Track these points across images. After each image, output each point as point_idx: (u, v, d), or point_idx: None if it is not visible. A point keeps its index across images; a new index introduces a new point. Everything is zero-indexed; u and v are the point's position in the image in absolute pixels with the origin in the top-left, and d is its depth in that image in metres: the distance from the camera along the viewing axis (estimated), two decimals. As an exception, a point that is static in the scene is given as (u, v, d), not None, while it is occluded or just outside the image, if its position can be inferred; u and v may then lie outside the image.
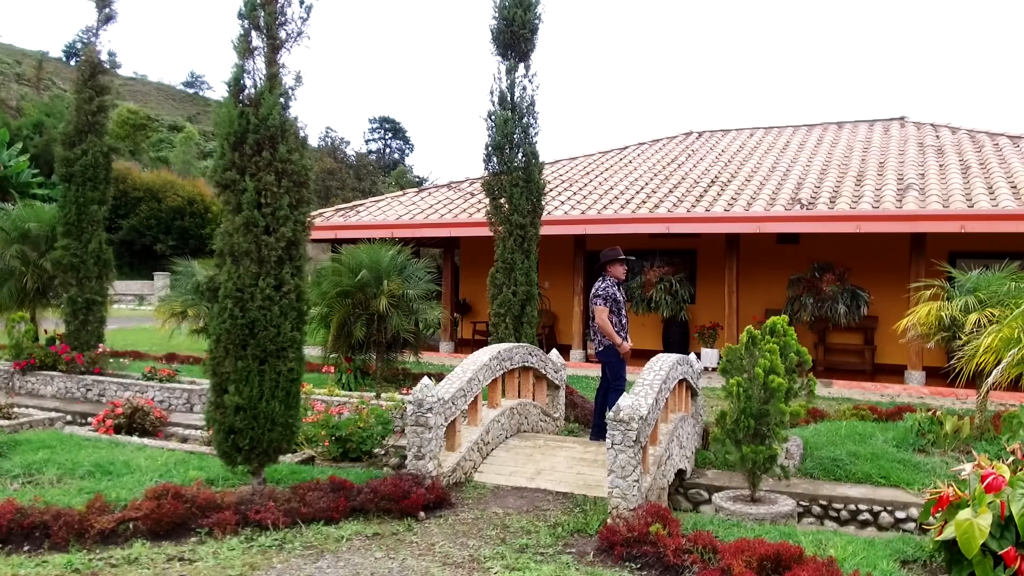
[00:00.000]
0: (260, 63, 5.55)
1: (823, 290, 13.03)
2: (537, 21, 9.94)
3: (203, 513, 5.26)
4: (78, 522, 4.92)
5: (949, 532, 4.19)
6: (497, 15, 9.85)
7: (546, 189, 16.44)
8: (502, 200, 9.88)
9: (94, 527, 4.92)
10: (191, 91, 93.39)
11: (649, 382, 6.41)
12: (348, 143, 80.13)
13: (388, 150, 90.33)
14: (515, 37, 9.79)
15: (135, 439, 7.67)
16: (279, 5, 5.52)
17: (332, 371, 11.55)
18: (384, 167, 76.54)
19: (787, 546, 4.48)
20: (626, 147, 19.84)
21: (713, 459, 7.82)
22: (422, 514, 5.71)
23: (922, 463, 7.64)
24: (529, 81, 9.96)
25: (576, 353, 15.09)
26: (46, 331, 13.29)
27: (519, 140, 9.84)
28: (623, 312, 8.38)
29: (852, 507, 7.05)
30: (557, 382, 8.93)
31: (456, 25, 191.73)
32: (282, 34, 5.59)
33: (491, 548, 5.07)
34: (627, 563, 4.85)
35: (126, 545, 4.88)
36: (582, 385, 12.31)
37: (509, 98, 9.87)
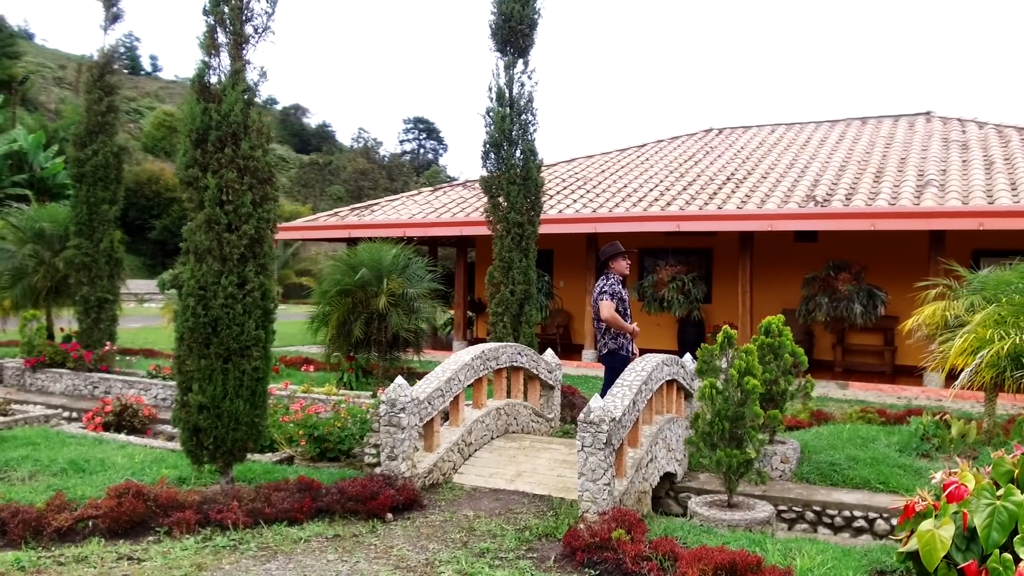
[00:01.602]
0: (225, 59, 5.51)
1: (838, 289, 12.69)
2: (536, 16, 9.81)
3: (164, 512, 5.22)
4: (35, 519, 4.91)
5: (914, 543, 3.97)
6: (495, 10, 9.74)
7: (561, 187, 16.43)
8: (500, 198, 9.76)
9: (51, 525, 4.91)
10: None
11: (629, 383, 6.24)
12: (381, 144, 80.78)
13: (422, 150, 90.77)
14: (513, 33, 9.67)
15: (121, 437, 7.71)
16: (243, 0, 5.46)
17: (311, 370, 11.54)
18: (417, 167, 76.93)
19: (745, 554, 4.30)
20: (644, 144, 19.59)
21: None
22: (389, 516, 5.62)
23: (924, 468, 7.35)
24: (528, 77, 9.84)
25: (588, 353, 14.89)
26: (62, 329, 13.49)
27: (517, 137, 9.71)
28: (628, 311, 8.14)
29: (847, 514, 6.81)
30: (551, 382, 8.77)
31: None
32: (248, 29, 5.53)
33: (450, 552, 4.95)
34: (586, 569, 4.70)
35: (83, 543, 4.85)
36: (589, 386, 12.13)
37: (507, 95, 9.75)
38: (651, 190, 15.18)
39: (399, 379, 6.25)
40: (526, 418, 8.25)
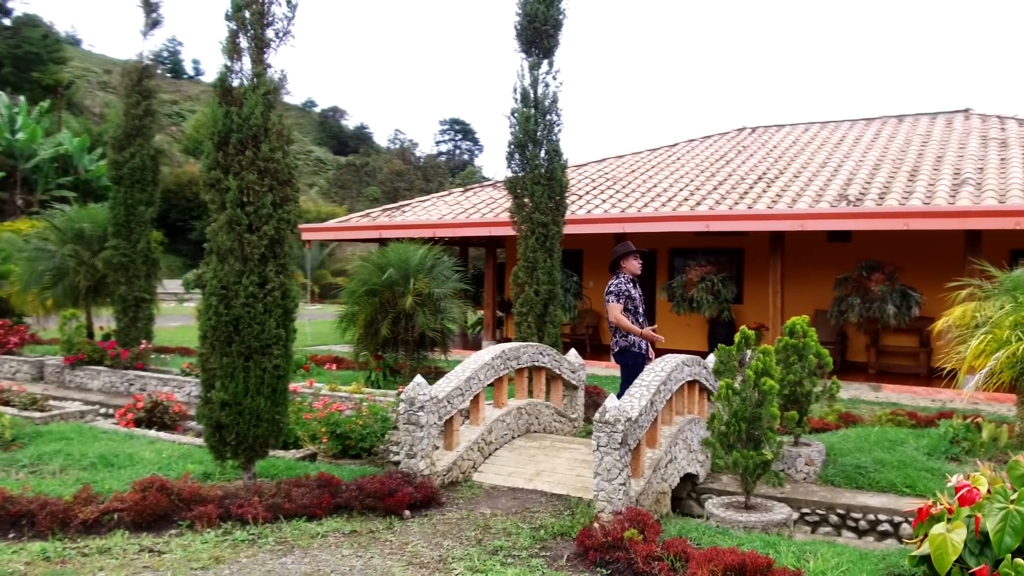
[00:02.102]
0: (247, 63, 5.62)
1: (871, 290, 12.47)
2: (560, 17, 9.82)
3: (187, 506, 5.35)
4: (63, 512, 5.07)
5: (926, 547, 3.92)
6: (520, 12, 9.77)
7: (590, 187, 16.41)
8: (525, 198, 9.79)
9: (78, 517, 5.06)
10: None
11: (647, 383, 6.23)
12: (417, 145, 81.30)
13: (458, 151, 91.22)
14: (538, 33, 9.70)
15: (151, 432, 7.89)
16: (264, 5, 5.56)
17: (336, 368, 11.66)
18: (452, 168, 77.28)
19: (755, 556, 4.28)
20: (675, 144, 19.46)
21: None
22: (407, 513, 5.68)
23: (952, 472, 7.20)
24: (553, 78, 9.85)
25: (617, 353, 14.85)
26: (101, 328, 13.84)
27: (542, 137, 9.73)
28: (639, 309, 8.15)
29: (871, 517, 6.70)
30: (574, 382, 8.78)
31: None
32: (269, 33, 5.64)
33: (463, 549, 5.00)
34: (598, 568, 4.71)
35: (107, 535, 4.99)
36: (616, 386, 12.09)
37: (532, 95, 9.77)
38: (681, 190, 15.09)
39: (418, 378, 6.32)
40: (548, 418, 8.27)
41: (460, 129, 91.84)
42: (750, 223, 12.99)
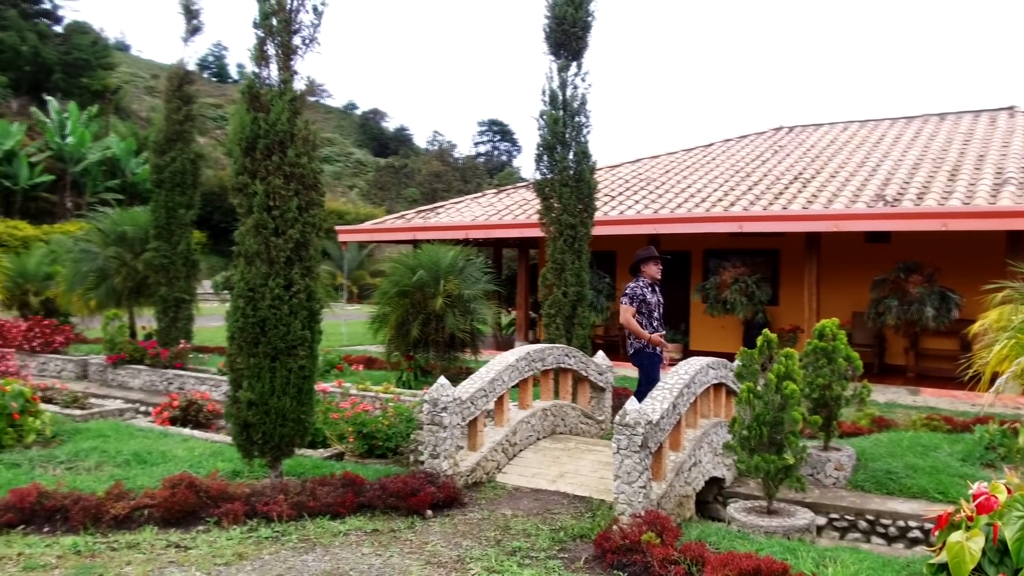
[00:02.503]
0: (274, 70, 5.74)
1: (909, 292, 12.24)
2: (589, 19, 9.83)
3: (215, 503, 5.48)
4: (95, 507, 5.23)
5: (945, 555, 3.86)
6: (549, 14, 9.80)
7: (624, 188, 16.36)
8: (553, 200, 9.82)
9: (109, 512, 5.21)
10: (312, 99, 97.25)
11: (670, 386, 6.22)
12: (455, 146, 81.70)
13: (496, 152, 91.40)
14: (567, 36, 9.71)
15: (185, 431, 8.09)
16: (291, 13, 5.68)
17: (362, 369, 11.83)
18: (491, 169, 77.45)
19: (771, 561, 4.25)
20: (711, 144, 19.30)
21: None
22: (429, 512, 5.74)
23: (987, 479, 7.06)
24: (581, 80, 9.86)
25: (650, 355, 14.77)
26: (144, 327, 14.20)
27: (570, 139, 9.75)
28: (655, 314, 8.26)
29: (901, 523, 6.61)
30: (602, 384, 8.79)
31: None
32: (296, 40, 5.76)
33: (482, 549, 5.05)
34: (615, 571, 4.73)
35: (137, 531, 5.14)
36: (647, 388, 12.07)
37: (560, 97, 9.79)
38: (715, 190, 14.97)
39: (441, 379, 6.39)
40: (574, 419, 8.29)
41: (498, 130, 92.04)
42: (785, 224, 12.84)
